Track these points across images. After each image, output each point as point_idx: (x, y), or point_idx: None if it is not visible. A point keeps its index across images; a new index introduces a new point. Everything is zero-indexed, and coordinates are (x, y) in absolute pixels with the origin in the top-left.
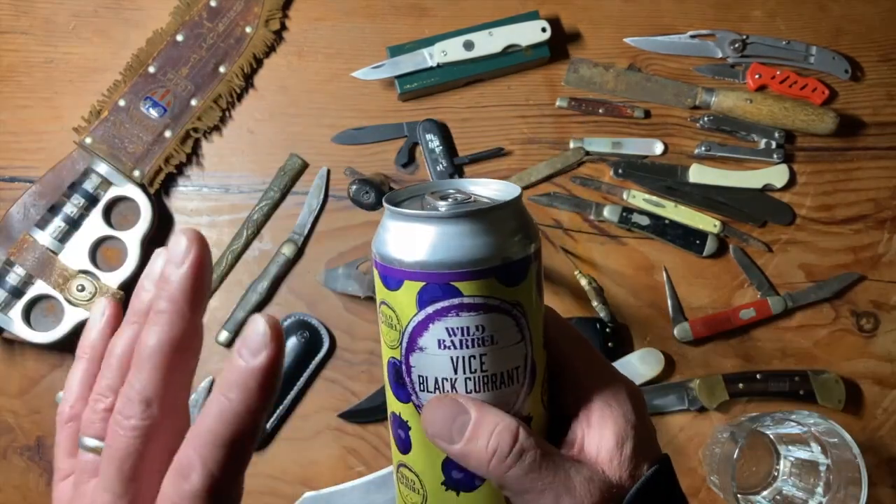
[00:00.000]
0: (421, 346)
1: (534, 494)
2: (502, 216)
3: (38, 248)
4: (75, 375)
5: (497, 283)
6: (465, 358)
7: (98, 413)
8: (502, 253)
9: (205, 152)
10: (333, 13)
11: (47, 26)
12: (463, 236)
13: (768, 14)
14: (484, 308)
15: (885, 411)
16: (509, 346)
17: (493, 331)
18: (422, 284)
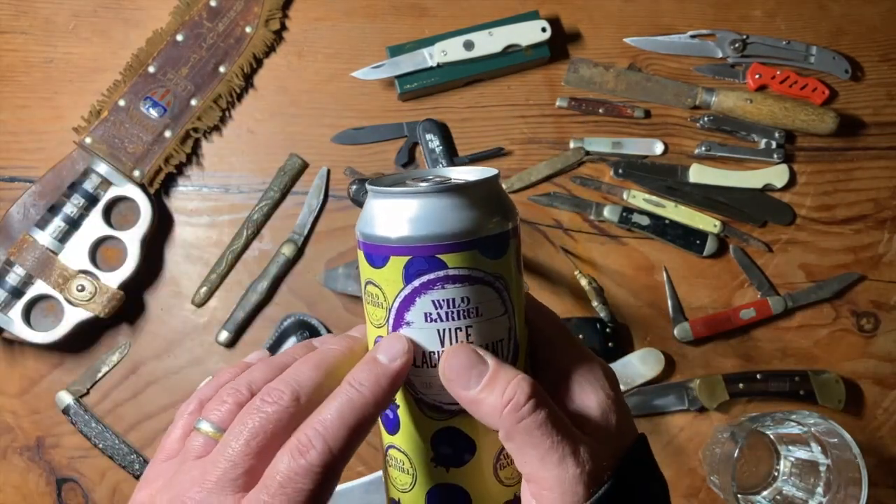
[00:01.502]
0: (408, 321)
1: (540, 451)
2: (481, 193)
3: (38, 248)
4: (219, 379)
5: (480, 255)
6: (452, 330)
7: (226, 403)
8: (483, 226)
9: (205, 152)
10: (333, 13)
11: (47, 26)
12: (445, 210)
13: (768, 14)
14: (468, 280)
15: (885, 411)
16: (493, 318)
17: (477, 302)
18: (408, 258)
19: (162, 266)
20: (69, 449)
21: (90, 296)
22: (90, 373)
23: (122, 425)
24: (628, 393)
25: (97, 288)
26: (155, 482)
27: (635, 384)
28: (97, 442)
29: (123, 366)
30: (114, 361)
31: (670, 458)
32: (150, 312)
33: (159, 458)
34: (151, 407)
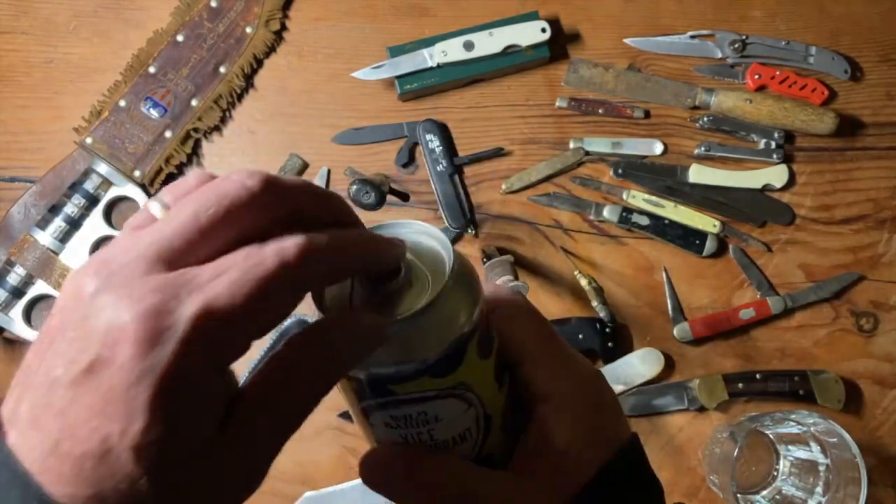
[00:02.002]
0: (371, 423)
1: None
2: (431, 317)
3: (39, 248)
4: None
5: (430, 378)
6: (413, 434)
7: (186, 183)
8: (433, 350)
9: (205, 152)
10: (333, 13)
11: (47, 26)
12: (386, 347)
13: (768, 14)
14: (421, 400)
15: (884, 411)
16: (456, 417)
17: (435, 413)
18: (357, 384)
19: None
20: None
21: None
22: None
23: None
24: (628, 393)
25: None
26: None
27: (635, 384)
28: None
29: None
30: None
31: (670, 458)
32: None
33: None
34: None
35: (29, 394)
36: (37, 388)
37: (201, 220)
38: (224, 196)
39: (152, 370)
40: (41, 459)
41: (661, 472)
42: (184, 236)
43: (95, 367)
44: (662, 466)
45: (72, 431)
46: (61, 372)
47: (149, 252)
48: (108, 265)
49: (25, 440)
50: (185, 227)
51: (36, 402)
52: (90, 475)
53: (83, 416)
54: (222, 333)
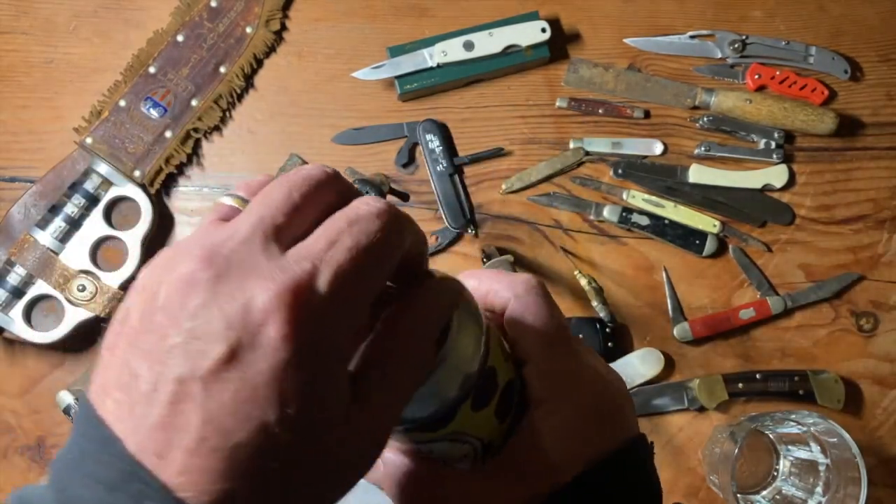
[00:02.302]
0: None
1: None
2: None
3: (39, 248)
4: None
5: (421, 433)
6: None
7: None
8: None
9: (205, 152)
10: (333, 14)
11: (47, 26)
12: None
13: (768, 14)
14: (414, 440)
15: (884, 411)
16: (454, 454)
17: (430, 448)
18: None
19: None
20: None
21: (91, 296)
22: (91, 373)
23: None
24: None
25: (98, 288)
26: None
27: (635, 384)
28: None
29: None
30: None
31: (670, 458)
32: None
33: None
34: None
35: (147, 397)
36: (157, 389)
37: (295, 198)
38: (309, 177)
39: (303, 347)
40: (182, 459)
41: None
42: (283, 213)
43: (237, 354)
44: (662, 466)
45: (217, 425)
46: (189, 367)
47: (256, 233)
48: (219, 252)
49: (151, 443)
50: (283, 205)
51: (160, 402)
52: (244, 465)
53: (229, 407)
54: (355, 298)
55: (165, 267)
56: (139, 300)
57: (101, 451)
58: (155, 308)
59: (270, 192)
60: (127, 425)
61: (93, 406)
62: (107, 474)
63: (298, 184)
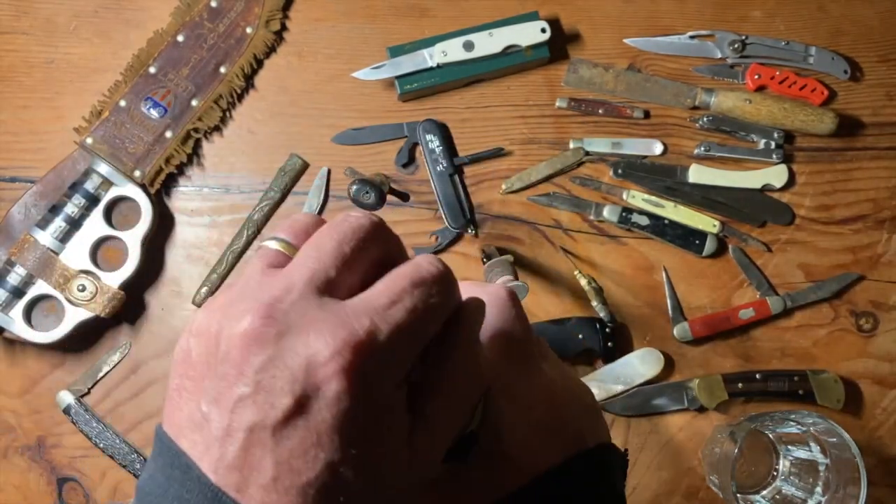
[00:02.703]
0: None
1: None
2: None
3: (39, 248)
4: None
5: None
6: None
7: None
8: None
9: (205, 152)
10: (333, 14)
11: (48, 27)
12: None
13: (768, 14)
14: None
15: (884, 411)
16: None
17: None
18: None
19: (163, 266)
20: (70, 448)
21: (91, 296)
22: (91, 372)
23: (123, 425)
24: (627, 393)
25: (98, 288)
26: (217, 300)
27: (635, 384)
28: (98, 441)
29: (124, 365)
30: (115, 361)
31: (670, 458)
32: (150, 312)
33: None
34: (152, 407)
35: (221, 441)
36: (229, 435)
37: (346, 251)
38: (359, 228)
39: (361, 397)
40: (259, 495)
41: (661, 472)
42: (336, 266)
43: (303, 405)
44: (662, 466)
45: (288, 466)
46: (259, 417)
47: (311, 287)
48: (279, 307)
49: (230, 479)
50: (335, 259)
51: (234, 447)
52: (316, 499)
53: (298, 450)
54: (407, 353)
55: (225, 315)
56: (200, 344)
57: (184, 478)
58: (219, 358)
59: (321, 243)
60: (205, 463)
61: (171, 439)
62: (192, 499)
63: (349, 236)
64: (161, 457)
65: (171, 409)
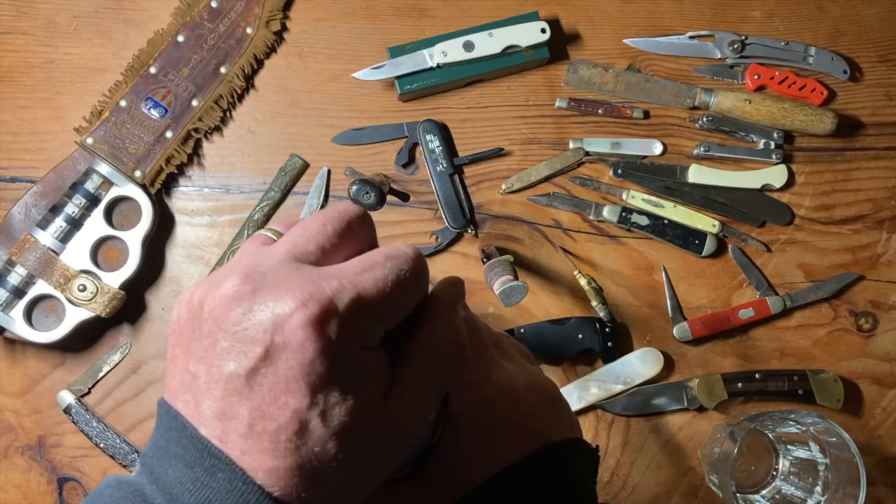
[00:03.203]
0: None
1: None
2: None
3: (40, 248)
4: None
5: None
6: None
7: (290, 218)
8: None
9: (206, 152)
10: (334, 14)
11: (48, 27)
12: None
13: (767, 15)
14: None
15: (883, 411)
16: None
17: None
18: None
19: (163, 266)
20: (70, 448)
21: (91, 295)
22: (91, 372)
23: (124, 425)
24: (627, 392)
25: (98, 288)
26: (206, 277)
27: (634, 384)
28: (98, 441)
29: (125, 365)
30: (115, 361)
31: (669, 458)
32: (151, 312)
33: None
34: (152, 406)
35: (206, 394)
36: (212, 386)
37: (329, 231)
38: (345, 212)
39: (323, 349)
40: (239, 443)
41: (661, 472)
42: (316, 242)
43: (271, 353)
44: (662, 466)
45: (261, 412)
46: (234, 366)
47: (289, 256)
48: (257, 269)
49: (215, 430)
50: (318, 235)
51: (216, 397)
52: (287, 445)
53: (269, 397)
54: (376, 318)
55: (210, 283)
56: (186, 312)
57: (180, 437)
58: (202, 318)
59: (307, 222)
60: (194, 419)
61: (169, 404)
62: (186, 454)
63: (333, 217)
64: (161, 423)
65: (168, 378)
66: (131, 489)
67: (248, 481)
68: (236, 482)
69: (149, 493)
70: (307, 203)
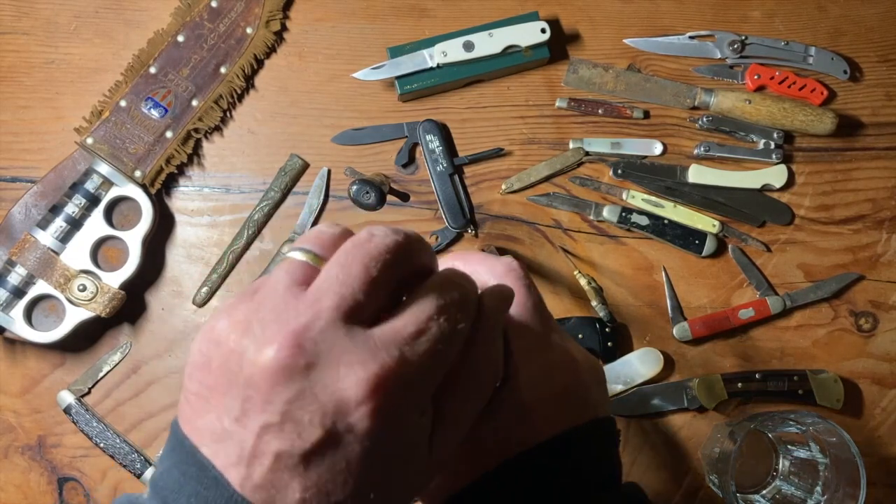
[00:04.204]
0: None
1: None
2: None
3: (40, 248)
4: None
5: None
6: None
7: (324, 234)
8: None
9: (206, 152)
10: (334, 14)
11: (48, 27)
12: None
13: (767, 15)
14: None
15: (883, 411)
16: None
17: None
18: None
19: (163, 266)
20: (70, 448)
21: (91, 295)
22: (91, 372)
23: (124, 425)
24: (627, 392)
25: (98, 288)
26: (239, 309)
27: (634, 383)
28: (98, 441)
29: (125, 365)
30: (115, 361)
31: (669, 458)
32: (151, 312)
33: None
34: (153, 406)
35: (246, 460)
36: (255, 456)
37: (373, 274)
38: (384, 249)
39: (389, 430)
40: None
41: (661, 472)
42: (363, 290)
43: (332, 438)
44: (662, 466)
45: (317, 489)
46: (287, 446)
47: (338, 313)
48: (307, 337)
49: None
50: (363, 282)
51: (260, 467)
52: None
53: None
54: (434, 378)
55: (249, 335)
56: (221, 356)
57: (201, 475)
58: (242, 378)
59: (348, 264)
60: (231, 476)
61: (187, 437)
62: (210, 498)
63: (376, 257)
64: (176, 453)
65: (190, 412)
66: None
67: None
68: None
69: None
70: (307, 203)
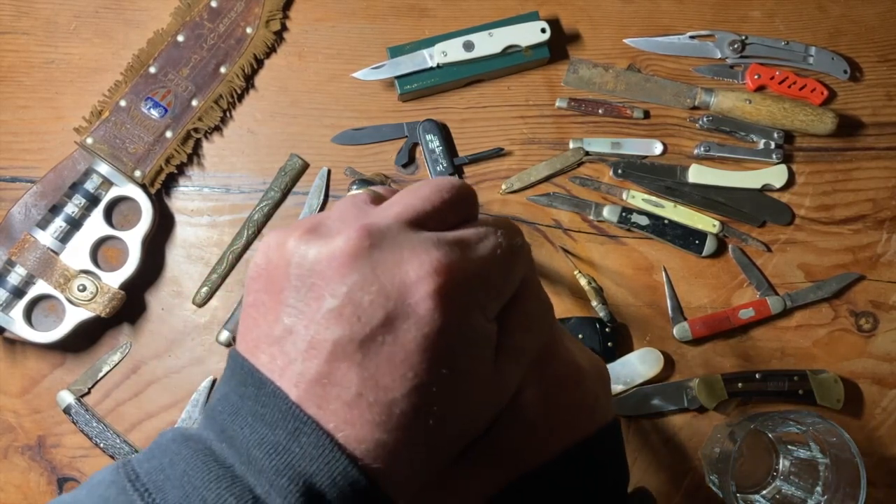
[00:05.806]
0: None
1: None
2: None
3: (40, 248)
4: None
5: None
6: None
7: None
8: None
9: (206, 152)
10: (334, 14)
11: (48, 27)
12: None
13: (767, 14)
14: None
15: (883, 411)
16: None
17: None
18: None
19: (163, 266)
20: (70, 448)
21: (91, 295)
22: (91, 372)
23: (124, 425)
24: (627, 392)
25: (98, 288)
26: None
27: (634, 384)
28: (98, 441)
29: (124, 365)
30: (115, 361)
31: (670, 458)
32: (151, 312)
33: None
34: (152, 406)
35: (304, 354)
36: (314, 347)
37: (443, 197)
38: (455, 185)
39: (451, 320)
40: (342, 412)
41: (661, 472)
42: (431, 206)
43: (392, 321)
44: (662, 466)
45: (374, 382)
46: (347, 331)
47: (404, 217)
48: (375, 226)
49: (310, 395)
50: (431, 201)
51: (318, 359)
52: (400, 420)
53: (385, 367)
54: (495, 287)
55: (315, 233)
56: (279, 256)
57: (258, 394)
58: (305, 270)
59: (418, 187)
60: (285, 379)
61: (245, 358)
62: (267, 414)
63: (446, 187)
64: (234, 377)
65: (247, 326)
66: (200, 447)
67: (334, 449)
68: (323, 449)
69: (218, 451)
70: (307, 203)
